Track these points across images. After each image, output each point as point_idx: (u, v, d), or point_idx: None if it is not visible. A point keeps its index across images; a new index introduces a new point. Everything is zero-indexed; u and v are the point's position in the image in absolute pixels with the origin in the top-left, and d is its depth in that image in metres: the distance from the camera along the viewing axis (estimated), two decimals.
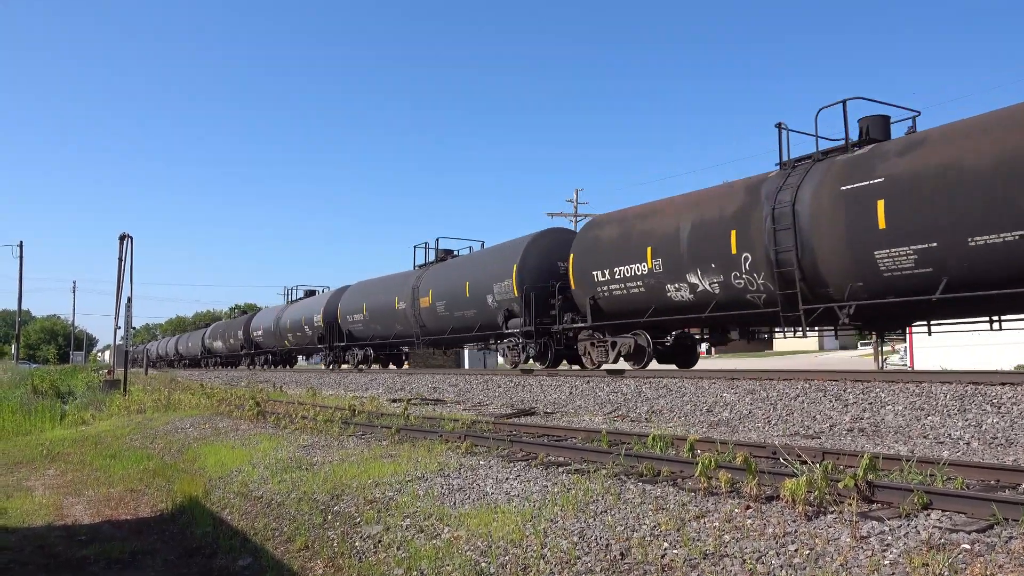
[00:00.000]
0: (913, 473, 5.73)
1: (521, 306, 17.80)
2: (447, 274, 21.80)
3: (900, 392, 9.55)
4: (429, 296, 21.91)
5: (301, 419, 12.16)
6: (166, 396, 20.15)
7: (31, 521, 8.09)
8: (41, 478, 11.09)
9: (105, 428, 16.71)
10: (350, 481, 7.35)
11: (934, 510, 4.59)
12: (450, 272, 21.76)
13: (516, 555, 4.90)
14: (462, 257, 23.05)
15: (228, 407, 15.66)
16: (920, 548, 3.95)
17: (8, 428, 17.96)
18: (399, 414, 11.65)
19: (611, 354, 15.86)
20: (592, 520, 5.19)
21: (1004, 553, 3.80)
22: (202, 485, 8.77)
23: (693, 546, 4.47)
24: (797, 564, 4.04)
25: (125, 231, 25.56)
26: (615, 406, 12.42)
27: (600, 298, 15.63)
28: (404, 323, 23.68)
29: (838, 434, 8.87)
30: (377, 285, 26.32)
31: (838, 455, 6.52)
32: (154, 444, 13.04)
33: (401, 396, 17.09)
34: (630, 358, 15.47)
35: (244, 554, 6.30)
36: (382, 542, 5.73)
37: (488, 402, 15.06)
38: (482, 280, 19.37)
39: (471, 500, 6.17)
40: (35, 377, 29.43)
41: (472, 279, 19.98)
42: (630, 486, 5.84)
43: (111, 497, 9.26)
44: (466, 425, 10.07)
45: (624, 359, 15.79)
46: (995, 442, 7.75)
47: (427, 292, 22.07)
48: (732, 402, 10.97)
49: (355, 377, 22.97)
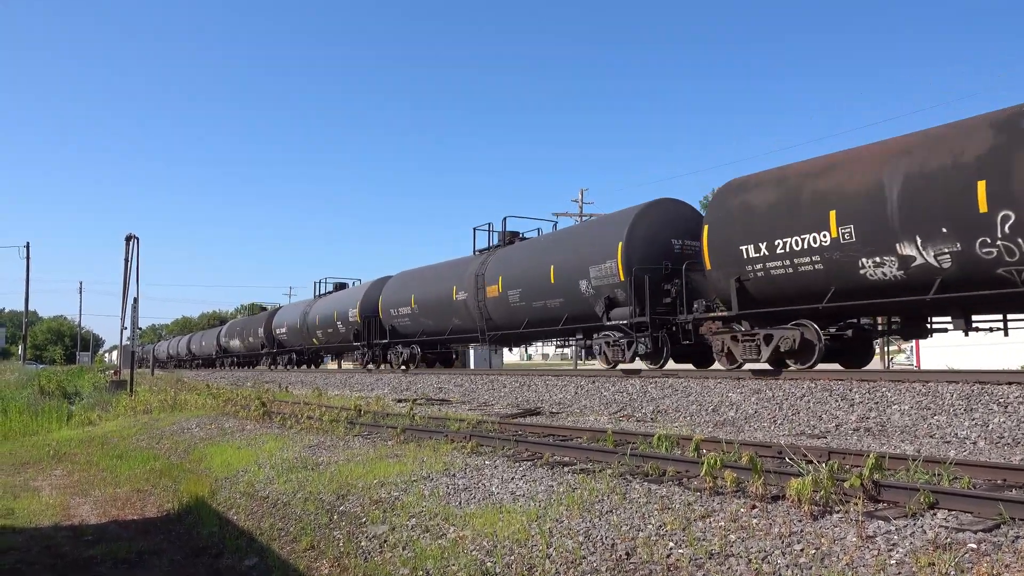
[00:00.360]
0: (919, 473, 5.71)
1: (629, 292, 14.69)
2: (521, 257, 18.71)
3: (906, 391, 9.53)
4: (498, 284, 18.66)
5: (307, 419, 12.19)
6: (172, 397, 20.20)
7: (38, 521, 8.12)
8: (48, 478, 11.13)
9: (111, 428, 16.77)
10: (356, 481, 7.36)
11: (940, 510, 4.58)
12: (525, 255, 18.65)
13: (522, 555, 4.90)
14: (542, 237, 19.63)
15: (234, 407, 15.69)
16: (926, 548, 3.94)
17: (15, 429, 18.04)
18: (405, 414, 11.67)
19: (764, 351, 12.46)
20: (597, 520, 5.19)
21: (1011, 553, 3.79)
22: (208, 485, 8.79)
23: (698, 546, 4.47)
24: (803, 564, 4.03)
25: (131, 232, 25.68)
26: (620, 406, 12.41)
27: (750, 280, 12.37)
28: (464, 316, 20.49)
29: (844, 433, 8.85)
30: (428, 273, 23.33)
31: (844, 455, 6.51)
32: (160, 444, 13.08)
33: (407, 396, 17.11)
34: (791, 356, 12.21)
35: (250, 554, 6.31)
36: (388, 542, 5.73)
37: (493, 402, 15.06)
38: (573, 263, 16.27)
39: (476, 500, 6.18)
40: (42, 378, 29.55)
41: (558, 262, 16.79)
42: (635, 486, 5.84)
43: (117, 497, 9.28)
44: (471, 425, 10.07)
45: (786, 357, 12.39)
46: (1002, 441, 7.72)
47: (496, 279, 18.84)
48: (738, 402, 10.95)
49: (361, 377, 22.99)
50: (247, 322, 43.80)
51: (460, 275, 20.87)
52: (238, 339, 43.08)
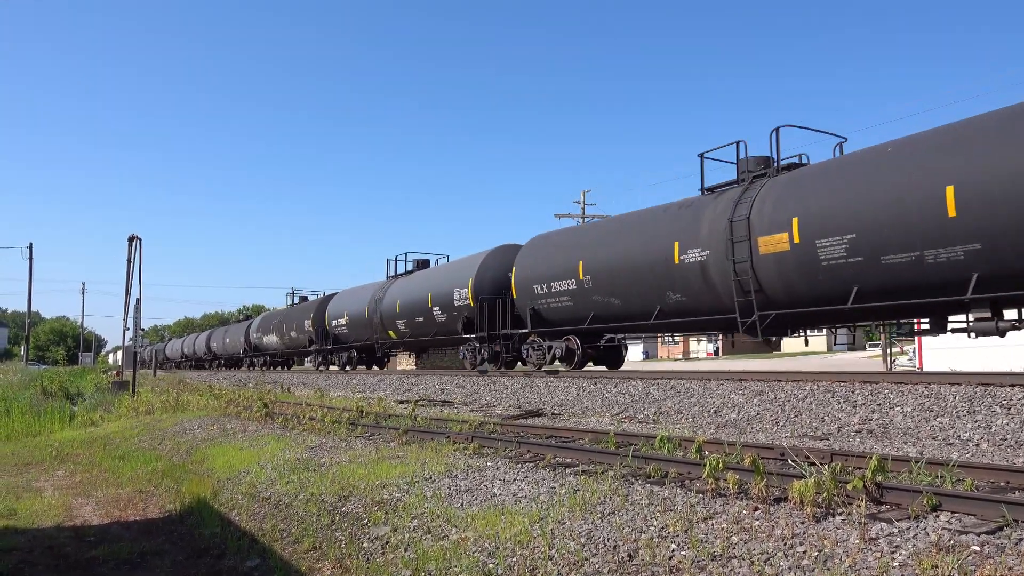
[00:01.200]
0: (922, 475, 5.70)
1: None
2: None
3: (909, 393, 9.51)
4: None
5: (309, 420, 12.19)
6: (174, 397, 20.23)
7: (40, 522, 8.13)
8: (50, 479, 11.15)
9: (114, 429, 16.80)
10: (358, 482, 7.36)
11: (943, 512, 4.57)
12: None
13: (524, 556, 4.90)
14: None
15: (236, 408, 15.70)
16: (929, 550, 3.93)
17: (18, 429, 18.08)
18: (407, 415, 11.67)
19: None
20: (600, 521, 5.18)
21: (1014, 555, 3.78)
22: (210, 486, 8.80)
23: (701, 547, 4.46)
24: (805, 566, 4.02)
25: (133, 233, 25.70)
26: (622, 407, 12.40)
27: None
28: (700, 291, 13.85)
29: (847, 435, 8.84)
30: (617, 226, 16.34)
31: (847, 456, 6.50)
32: (162, 445, 13.09)
33: (409, 397, 17.11)
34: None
35: (252, 555, 6.32)
36: (390, 543, 5.73)
37: (495, 403, 15.06)
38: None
39: (479, 501, 6.17)
40: (44, 378, 29.62)
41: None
42: (638, 487, 5.83)
43: (120, 498, 9.29)
44: (473, 426, 10.07)
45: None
46: (1005, 443, 7.70)
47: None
48: (740, 403, 10.94)
49: (362, 379, 23.00)
50: (287, 314, 36.64)
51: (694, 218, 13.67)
52: (275, 334, 37.04)
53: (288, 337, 35.07)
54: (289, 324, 34.95)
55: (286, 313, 37.21)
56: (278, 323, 36.97)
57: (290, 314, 35.99)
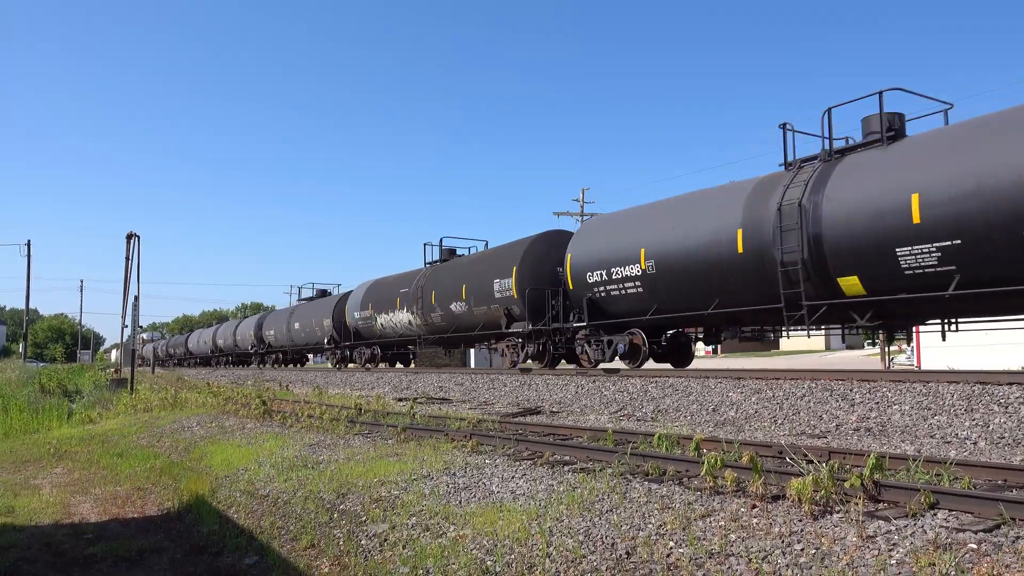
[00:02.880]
0: (920, 473, 5.71)
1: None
2: None
3: (907, 392, 9.53)
4: None
5: (307, 418, 12.19)
6: (172, 395, 20.22)
7: (38, 519, 8.12)
8: (48, 476, 11.14)
9: (112, 427, 16.79)
10: (356, 480, 7.36)
11: (941, 510, 4.58)
12: None
13: (522, 554, 4.90)
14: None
15: (234, 406, 15.70)
16: (927, 548, 3.94)
17: (16, 426, 18.08)
18: (405, 413, 11.67)
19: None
20: (598, 519, 5.19)
21: (1011, 553, 3.79)
22: (208, 483, 8.80)
23: (699, 545, 4.47)
24: (803, 563, 4.03)
25: (131, 230, 25.67)
26: (621, 405, 12.41)
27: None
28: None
29: (844, 434, 8.85)
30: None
31: (844, 454, 6.51)
32: (161, 443, 13.08)
33: (407, 395, 17.12)
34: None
35: (250, 552, 6.32)
36: (388, 541, 5.74)
37: (494, 401, 15.07)
38: None
39: (477, 499, 6.18)
40: (42, 376, 29.62)
41: None
42: (636, 485, 5.84)
43: (118, 495, 9.29)
44: (472, 424, 10.08)
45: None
46: (1002, 442, 7.72)
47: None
48: (738, 401, 10.95)
49: (361, 376, 23.00)
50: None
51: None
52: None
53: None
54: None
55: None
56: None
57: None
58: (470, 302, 20.27)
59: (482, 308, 19.82)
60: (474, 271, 20.75)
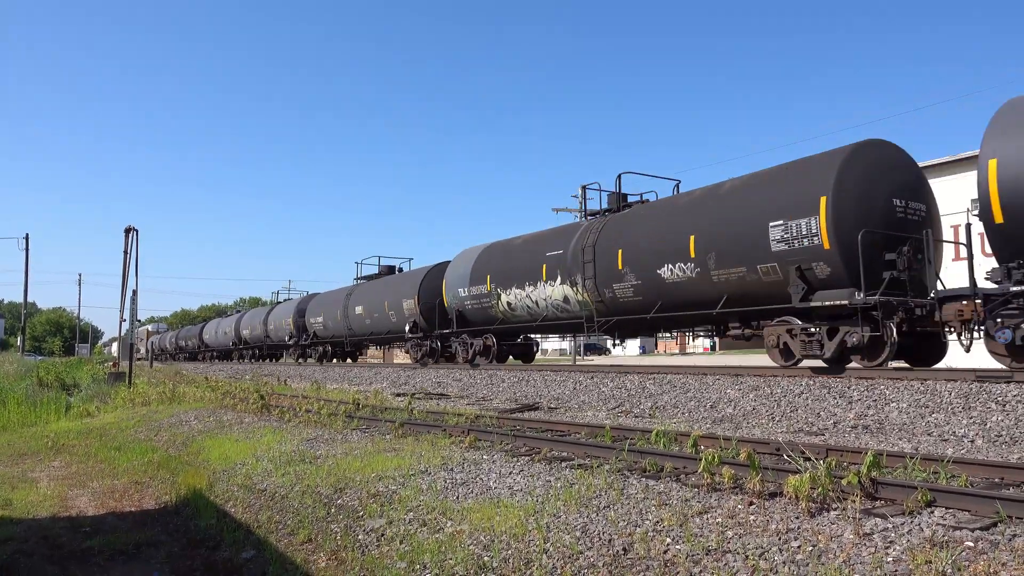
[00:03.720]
0: (917, 470, 5.72)
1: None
2: None
3: (904, 389, 9.53)
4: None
5: (305, 412, 12.19)
6: (171, 389, 20.21)
7: (36, 512, 8.12)
8: (46, 470, 11.14)
9: (110, 420, 16.78)
10: (353, 475, 7.36)
11: (938, 507, 4.58)
12: None
13: (519, 549, 4.90)
14: None
15: (232, 400, 15.70)
16: (923, 545, 3.94)
17: (14, 420, 18.06)
18: (403, 408, 11.67)
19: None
20: (595, 515, 5.19)
21: (1007, 551, 3.79)
22: (206, 478, 8.79)
23: (696, 542, 4.47)
24: (800, 560, 4.03)
25: (130, 224, 25.64)
26: (619, 402, 12.41)
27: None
28: None
29: (842, 431, 8.86)
30: None
31: (842, 452, 6.52)
32: (158, 437, 13.08)
33: (405, 390, 17.12)
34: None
35: (248, 547, 6.32)
36: (385, 535, 5.74)
37: (492, 397, 15.07)
38: None
39: (474, 494, 6.18)
40: (41, 369, 29.58)
41: None
42: (633, 481, 5.84)
43: (115, 489, 9.29)
44: (470, 419, 10.08)
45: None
46: (1000, 440, 7.72)
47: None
48: (736, 398, 10.96)
49: (359, 371, 22.99)
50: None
51: None
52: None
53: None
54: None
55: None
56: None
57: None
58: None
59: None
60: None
